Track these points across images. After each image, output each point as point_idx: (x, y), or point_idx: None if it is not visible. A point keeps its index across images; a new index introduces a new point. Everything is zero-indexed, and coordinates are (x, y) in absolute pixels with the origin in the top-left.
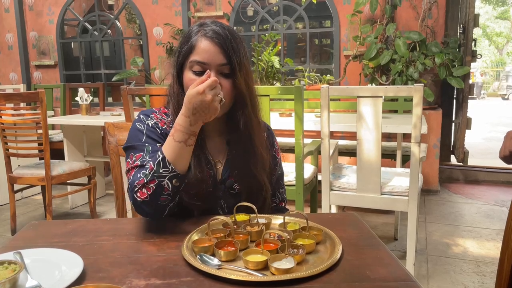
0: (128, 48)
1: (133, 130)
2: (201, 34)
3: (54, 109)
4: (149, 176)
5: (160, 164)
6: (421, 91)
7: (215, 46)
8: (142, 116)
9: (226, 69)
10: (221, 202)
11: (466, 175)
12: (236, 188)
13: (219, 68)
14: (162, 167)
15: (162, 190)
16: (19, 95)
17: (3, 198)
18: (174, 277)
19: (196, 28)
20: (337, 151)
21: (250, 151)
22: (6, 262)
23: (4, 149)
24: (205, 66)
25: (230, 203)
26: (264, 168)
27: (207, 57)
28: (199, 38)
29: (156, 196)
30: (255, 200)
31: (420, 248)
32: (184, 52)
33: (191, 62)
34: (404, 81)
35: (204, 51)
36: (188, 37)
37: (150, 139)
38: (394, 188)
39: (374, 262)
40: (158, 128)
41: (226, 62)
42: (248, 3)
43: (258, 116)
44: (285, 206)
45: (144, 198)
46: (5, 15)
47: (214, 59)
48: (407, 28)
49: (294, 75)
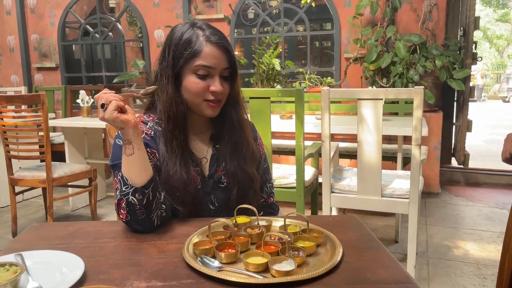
0: (129, 50)
1: (114, 147)
2: (204, 39)
3: (55, 111)
4: (118, 196)
5: (121, 182)
6: (422, 93)
7: (221, 51)
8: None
9: (227, 72)
10: (210, 197)
11: (467, 178)
12: (225, 182)
13: (222, 71)
14: (123, 185)
15: (134, 207)
16: (20, 97)
17: (4, 200)
18: (174, 279)
19: (192, 31)
20: (337, 154)
21: (241, 144)
22: (7, 264)
23: (5, 151)
24: (211, 70)
25: (220, 197)
26: (253, 159)
27: (214, 62)
28: (204, 43)
29: (132, 214)
30: (246, 192)
31: (421, 251)
32: (187, 56)
33: (197, 66)
34: (404, 83)
35: (211, 56)
36: (188, 41)
37: None
38: (395, 190)
39: (374, 264)
40: None
41: (228, 66)
42: (249, 6)
43: (246, 113)
44: (273, 201)
45: (125, 218)
46: (6, 18)
47: (219, 63)
48: (408, 30)
49: (295, 78)
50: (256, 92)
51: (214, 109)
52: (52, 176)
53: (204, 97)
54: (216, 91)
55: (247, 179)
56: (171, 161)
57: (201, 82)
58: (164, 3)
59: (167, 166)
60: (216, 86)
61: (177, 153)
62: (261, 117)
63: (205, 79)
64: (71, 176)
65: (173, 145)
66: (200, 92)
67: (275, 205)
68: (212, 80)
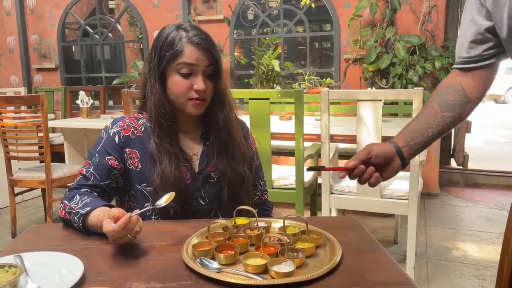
0: (129, 51)
1: (99, 137)
2: (186, 40)
3: (55, 112)
4: (69, 210)
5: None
6: (421, 94)
7: (203, 51)
8: (110, 124)
9: (210, 69)
10: (201, 192)
11: (466, 179)
12: (215, 177)
13: (205, 69)
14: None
15: (72, 224)
16: (20, 98)
17: (4, 201)
18: (174, 280)
19: (177, 33)
20: (337, 155)
21: (229, 144)
22: (6, 265)
23: (4, 152)
24: (193, 67)
25: (210, 191)
26: (244, 158)
27: (195, 59)
28: (186, 44)
29: (67, 222)
30: (238, 190)
31: (420, 252)
32: (169, 57)
33: (179, 65)
34: (404, 84)
35: (192, 56)
36: (171, 43)
37: (103, 151)
38: (394, 191)
39: (374, 265)
40: (118, 137)
41: (211, 63)
42: (249, 7)
43: (234, 113)
44: (267, 198)
45: (61, 216)
46: (6, 19)
47: (202, 62)
48: (407, 32)
49: (294, 79)
50: (255, 93)
51: (198, 107)
52: (51, 177)
53: (188, 96)
54: (199, 89)
55: (238, 178)
56: (162, 158)
57: (185, 81)
58: (163, 4)
59: (159, 163)
60: (199, 84)
61: (167, 150)
62: (261, 118)
63: (188, 78)
64: (71, 177)
65: (163, 142)
66: (184, 91)
67: (269, 202)
68: (195, 79)
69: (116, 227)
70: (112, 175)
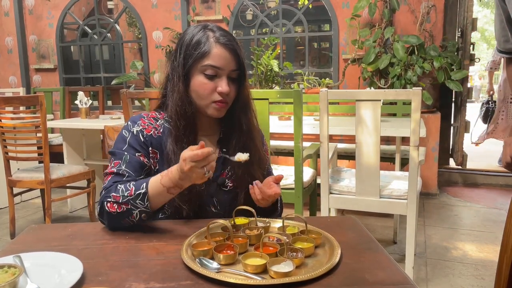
0: (127, 51)
1: (119, 136)
2: (214, 40)
3: (54, 112)
4: (126, 199)
5: (139, 195)
6: (420, 94)
7: (230, 53)
8: (129, 123)
9: (235, 74)
10: (213, 200)
11: (465, 179)
12: (228, 185)
13: (230, 73)
14: (139, 199)
15: (129, 216)
16: (18, 98)
17: (2, 202)
18: (173, 280)
19: (203, 33)
20: (336, 155)
21: (249, 148)
22: (5, 265)
23: (3, 153)
24: (219, 71)
25: (222, 199)
26: (260, 163)
27: (222, 62)
28: (214, 44)
29: (122, 216)
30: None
31: (419, 252)
32: (196, 56)
33: (205, 66)
34: (402, 84)
35: (219, 57)
36: (198, 42)
37: (131, 148)
38: (393, 191)
39: (372, 265)
40: (142, 135)
41: (236, 68)
42: (247, 7)
43: (256, 118)
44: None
45: (112, 212)
46: (5, 19)
47: (228, 64)
48: (406, 32)
49: (293, 79)
50: (254, 93)
51: (220, 110)
52: (50, 178)
53: (211, 98)
54: (223, 91)
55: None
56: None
57: (209, 82)
58: (162, 4)
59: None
60: (223, 86)
61: None
62: (260, 118)
63: (212, 80)
64: (70, 178)
65: (182, 144)
66: (207, 92)
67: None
68: (220, 81)
69: (200, 152)
70: (145, 170)
